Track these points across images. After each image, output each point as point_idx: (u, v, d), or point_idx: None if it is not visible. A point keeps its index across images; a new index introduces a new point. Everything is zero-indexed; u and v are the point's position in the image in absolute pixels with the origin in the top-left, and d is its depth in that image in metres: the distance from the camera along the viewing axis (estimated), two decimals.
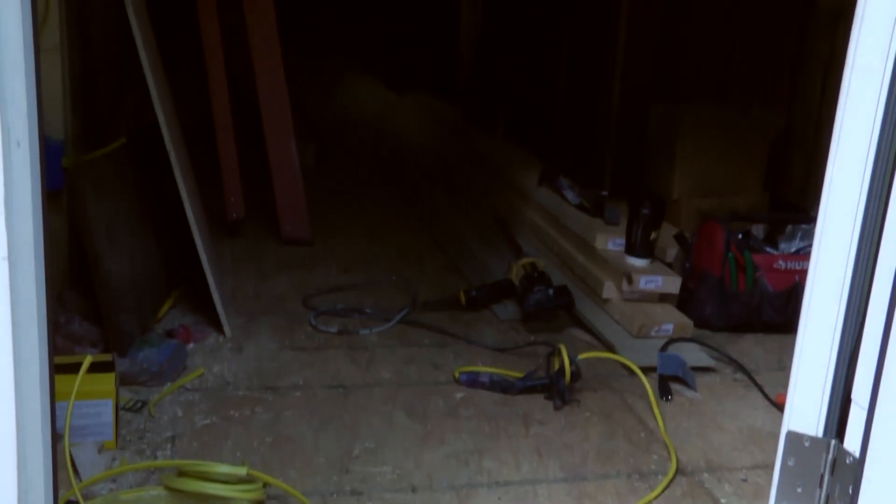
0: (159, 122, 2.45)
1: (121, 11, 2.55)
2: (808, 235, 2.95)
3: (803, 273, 2.30)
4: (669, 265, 3.01)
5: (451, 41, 5.94)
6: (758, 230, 3.11)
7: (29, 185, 0.94)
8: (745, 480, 2.03)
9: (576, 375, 2.34)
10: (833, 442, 1.22)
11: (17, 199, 0.93)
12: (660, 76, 3.67)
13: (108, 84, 3.45)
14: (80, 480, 1.81)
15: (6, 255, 0.92)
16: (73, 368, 1.77)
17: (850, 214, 1.47)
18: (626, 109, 3.69)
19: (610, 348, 2.65)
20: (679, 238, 3.01)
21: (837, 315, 1.28)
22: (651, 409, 2.31)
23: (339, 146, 4.70)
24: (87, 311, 2.39)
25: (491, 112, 4.71)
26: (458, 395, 2.35)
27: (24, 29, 0.91)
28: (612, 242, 2.99)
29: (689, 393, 2.45)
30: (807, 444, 1.25)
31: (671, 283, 2.86)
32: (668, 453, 2.10)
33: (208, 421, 2.12)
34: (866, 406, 1.16)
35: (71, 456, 1.82)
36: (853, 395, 1.21)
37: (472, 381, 2.40)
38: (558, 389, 2.32)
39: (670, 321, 2.74)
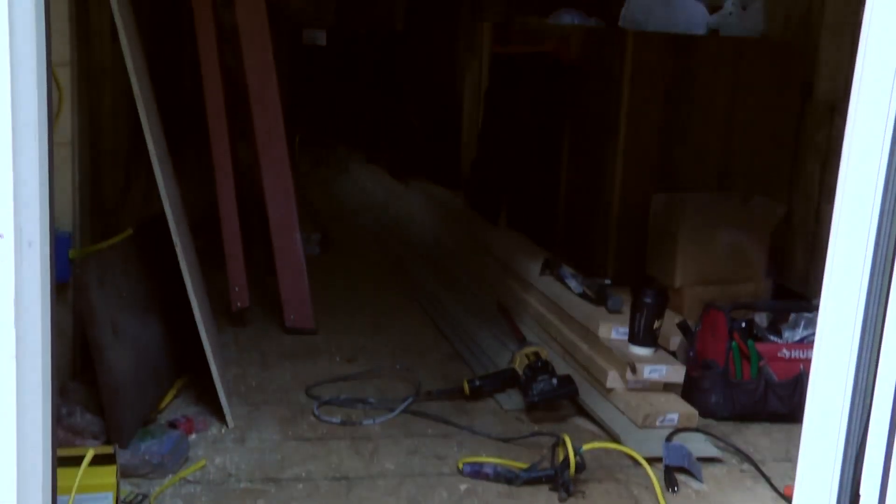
0: (166, 213, 2.48)
1: (130, 101, 2.61)
2: (812, 324, 2.95)
3: (808, 362, 2.30)
4: (673, 354, 3.00)
5: (454, 130, 6.03)
6: (761, 318, 3.12)
7: (38, 285, 0.96)
8: None
9: (580, 466, 2.32)
10: None
11: (26, 298, 0.94)
12: (661, 165, 3.71)
13: (116, 175, 3.50)
14: None
15: (14, 353, 0.93)
16: (75, 461, 1.76)
17: (852, 305, 1.48)
18: (628, 198, 3.73)
19: (615, 438, 2.63)
20: (682, 327, 3.01)
21: (842, 410, 1.27)
22: (657, 500, 2.28)
23: (343, 234, 4.74)
24: (90, 402, 2.38)
25: (493, 200, 4.75)
26: (463, 487, 2.32)
27: (41, 133, 0.94)
28: (615, 331, 2.99)
29: (696, 484, 2.42)
30: None
31: (675, 373, 2.84)
32: None
33: None
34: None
35: None
36: (861, 491, 1.20)
37: (476, 473, 2.38)
38: (563, 481, 2.29)
39: (675, 411, 2.72)
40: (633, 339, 2.91)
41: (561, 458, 2.32)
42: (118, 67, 3.63)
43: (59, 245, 2.36)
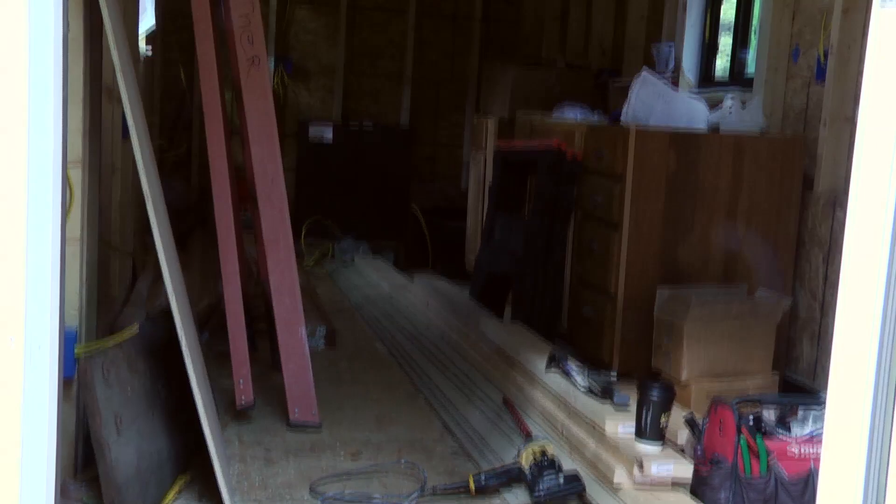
0: (172, 310, 2.49)
1: (138, 196, 2.65)
2: (821, 419, 2.92)
3: (818, 460, 2.27)
4: (681, 449, 2.97)
5: (459, 223, 6.08)
6: (769, 413, 3.09)
7: (46, 389, 0.96)
8: None
9: None
10: None
11: (33, 402, 0.95)
12: (665, 259, 3.74)
13: (123, 269, 3.54)
14: None
15: (19, 458, 0.93)
16: None
17: (859, 403, 1.47)
18: (633, 291, 3.74)
19: None
20: (690, 422, 2.98)
21: None
22: None
23: (348, 328, 4.74)
24: (91, 501, 2.35)
25: (498, 293, 4.76)
26: None
27: (54, 236, 0.96)
28: (622, 427, 2.96)
29: None
30: None
31: (683, 469, 2.81)
32: None
33: None
34: None
35: None
36: None
37: None
38: None
39: None
40: (640, 434, 2.88)
41: None
42: (128, 165, 3.70)
43: (66, 341, 2.36)
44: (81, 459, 2.62)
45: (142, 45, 4.94)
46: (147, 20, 5.35)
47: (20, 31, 1.18)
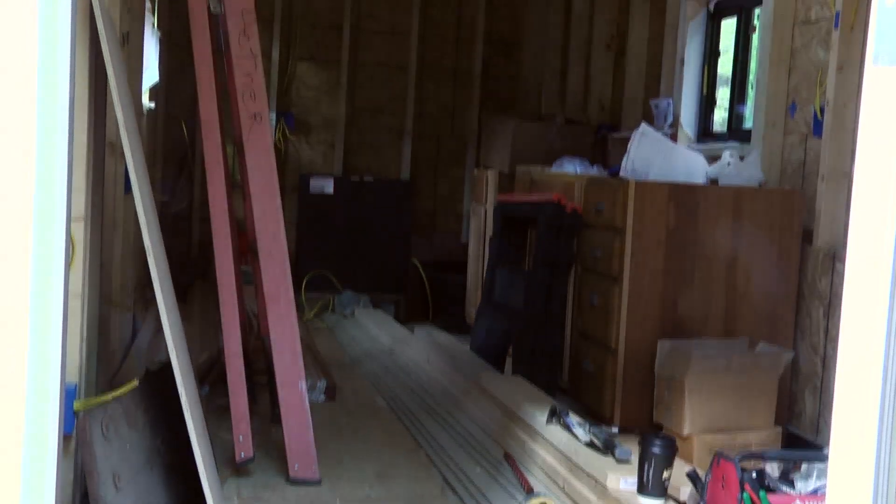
0: (172, 364, 2.49)
1: (140, 250, 2.66)
2: (825, 474, 2.90)
3: None
4: None
5: (460, 276, 6.09)
6: (772, 468, 3.06)
7: (46, 447, 0.96)
8: None
9: None
10: None
11: (33, 461, 0.94)
12: (666, 311, 3.74)
13: (123, 324, 3.54)
14: None
15: None
16: None
17: (862, 460, 1.47)
18: (634, 344, 3.74)
19: None
20: (692, 477, 2.96)
21: None
22: None
23: (348, 381, 4.72)
24: None
25: (499, 347, 4.75)
26: None
27: (56, 298, 0.96)
28: (623, 482, 2.94)
29: None
30: None
31: None
32: None
33: None
34: None
35: None
36: None
37: None
38: None
39: None
40: (642, 489, 2.86)
41: None
42: (129, 219, 3.72)
43: (65, 397, 2.35)
44: None
45: (145, 99, 5.00)
46: (151, 75, 5.41)
47: (29, 90, 1.20)
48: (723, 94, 5.03)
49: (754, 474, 2.92)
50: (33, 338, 1.03)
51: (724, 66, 5.02)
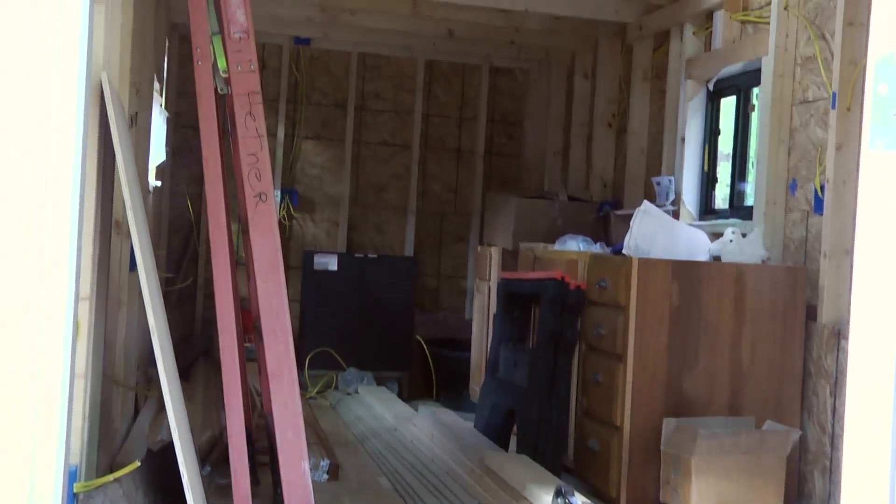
0: (174, 444, 2.47)
1: (143, 329, 2.68)
2: None
3: None
4: None
5: (464, 353, 6.07)
6: None
7: None
8: None
9: None
10: None
11: None
12: (671, 389, 3.71)
13: (125, 404, 3.52)
14: None
15: None
16: None
17: None
18: (639, 422, 3.71)
19: None
20: None
21: None
22: None
23: (351, 461, 4.67)
24: None
25: (503, 425, 4.71)
26: None
27: (64, 381, 0.96)
28: None
29: None
30: None
31: None
32: None
33: None
34: None
35: None
36: None
37: None
38: None
39: None
40: None
41: None
42: (133, 298, 3.73)
43: (67, 479, 2.33)
44: None
45: (151, 177, 5.05)
46: (158, 153, 5.48)
47: (45, 173, 1.22)
48: (724, 168, 5.07)
49: None
50: (37, 419, 1.03)
51: (725, 143, 5.08)
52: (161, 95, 5.76)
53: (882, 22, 1.30)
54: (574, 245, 4.92)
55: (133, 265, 3.52)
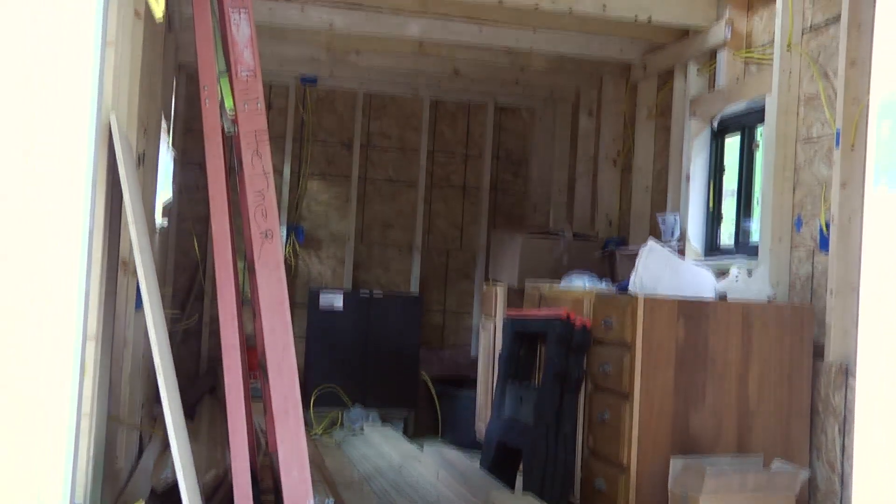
0: (179, 483, 2.46)
1: (149, 367, 2.67)
2: None
3: None
4: None
5: (469, 391, 6.05)
6: None
7: None
8: None
9: None
10: None
11: None
12: (678, 428, 3.69)
13: (130, 442, 3.51)
14: None
15: None
16: None
17: None
18: (646, 461, 3.68)
19: None
20: None
21: None
22: None
23: (357, 500, 4.64)
24: None
25: (509, 464, 4.68)
26: None
27: (71, 423, 0.96)
28: None
29: None
30: None
31: None
32: None
33: None
34: None
35: None
36: None
37: None
38: None
39: None
40: None
41: None
42: (139, 337, 3.73)
43: None
44: None
45: (158, 216, 5.07)
46: (165, 191, 5.51)
47: (55, 216, 1.23)
48: (729, 205, 5.07)
49: None
50: (43, 458, 1.03)
51: (729, 181, 5.09)
52: (168, 134, 5.81)
53: (884, 64, 1.31)
54: (580, 283, 4.91)
55: (139, 303, 3.53)
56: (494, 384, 5.22)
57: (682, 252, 5.00)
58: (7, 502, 1.24)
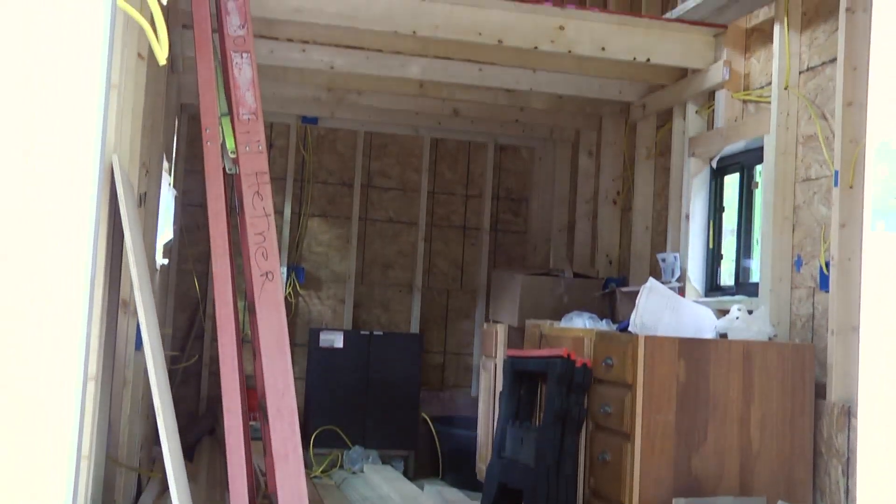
0: None
1: (148, 408, 2.66)
2: None
3: None
4: None
5: (470, 431, 6.02)
6: None
7: None
8: None
9: None
10: None
11: None
12: (679, 469, 3.67)
13: (128, 483, 3.48)
14: None
15: None
16: None
17: None
18: (648, 502, 3.65)
19: None
20: None
21: None
22: None
23: None
24: None
25: (511, 502, 4.65)
26: None
27: (70, 464, 0.96)
28: None
29: None
30: None
31: None
32: None
33: None
34: None
35: None
36: None
37: None
38: None
39: None
40: None
41: None
42: (139, 377, 3.72)
43: None
44: None
45: (158, 255, 5.08)
46: (165, 231, 5.52)
47: (57, 257, 1.24)
48: (729, 243, 5.08)
49: None
50: (42, 500, 1.03)
51: (729, 220, 5.10)
52: (170, 174, 5.83)
53: (879, 109, 1.33)
54: (580, 322, 4.91)
55: (139, 344, 3.53)
56: (495, 424, 5.20)
57: (682, 291, 5.00)
58: None
